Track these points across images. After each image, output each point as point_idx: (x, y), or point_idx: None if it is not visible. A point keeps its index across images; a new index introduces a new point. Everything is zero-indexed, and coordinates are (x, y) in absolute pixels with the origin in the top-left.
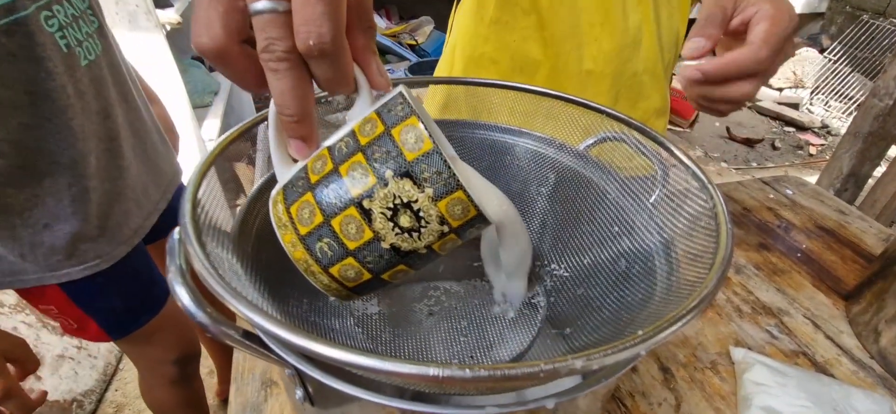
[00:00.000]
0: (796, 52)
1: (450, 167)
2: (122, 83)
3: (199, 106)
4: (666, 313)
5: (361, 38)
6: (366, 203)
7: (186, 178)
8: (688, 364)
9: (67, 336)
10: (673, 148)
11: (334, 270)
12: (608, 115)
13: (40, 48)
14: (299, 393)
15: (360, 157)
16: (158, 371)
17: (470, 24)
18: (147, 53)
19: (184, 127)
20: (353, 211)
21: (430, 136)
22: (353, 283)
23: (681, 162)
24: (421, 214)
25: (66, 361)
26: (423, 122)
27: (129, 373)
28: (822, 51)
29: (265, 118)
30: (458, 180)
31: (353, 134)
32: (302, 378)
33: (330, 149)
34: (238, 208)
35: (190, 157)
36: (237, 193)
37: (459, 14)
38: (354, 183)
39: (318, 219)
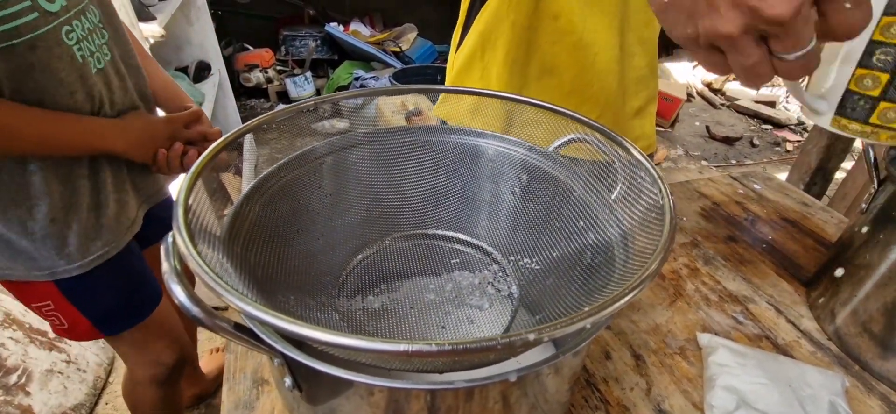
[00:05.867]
0: None
1: None
2: (124, 81)
3: None
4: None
5: None
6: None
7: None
8: (658, 350)
9: (56, 351)
10: (629, 147)
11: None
12: (574, 119)
13: (57, 60)
14: (288, 381)
15: None
16: (149, 371)
17: (499, 32)
18: None
19: None
20: None
21: None
22: None
23: (636, 160)
24: None
25: (55, 375)
26: None
27: (119, 386)
28: None
29: (251, 129)
30: None
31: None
32: (290, 366)
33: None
34: (227, 213)
35: None
36: (224, 201)
37: (486, 17)
38: None
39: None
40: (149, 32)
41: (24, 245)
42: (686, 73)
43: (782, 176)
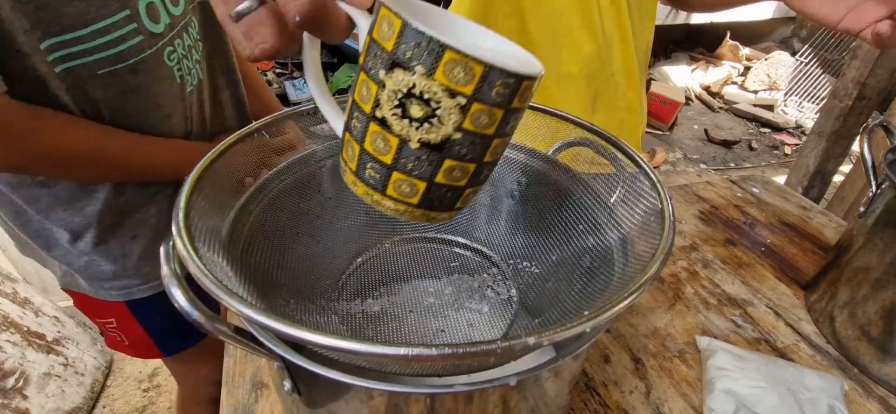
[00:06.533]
0: (769, 55)
1: (424, 32)
2: (218, 98)
3: None
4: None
5: None
6: (378, 113)
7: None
8: (657, 354)
9: (53, 354)
10: (629, 150)
11: (391, 191)
12: (573, 122)
13: (157, 83)
14: (288, 385)
15: (361, 75)
16: (200, 391)
17: None
18: None
19: None
20: (373, 127)
21: (398, 14)
22: (416, 198)
23: (635, 163)
24: (425, 96)
25: (53, 378)
26: (390, 7)
27: (117, 389)
28: (793, 54)
29: (252, 133)
30: (440, 40)
31: (358, 62)
32: (289, 369)
33: (350, 86)
34: (227, 216)
35: None
36: (225, 204)
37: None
38: (364, 100)
39: (356, 149)
40: None
41: (102, 264)
42: (684, 77)
43: (781, 179)
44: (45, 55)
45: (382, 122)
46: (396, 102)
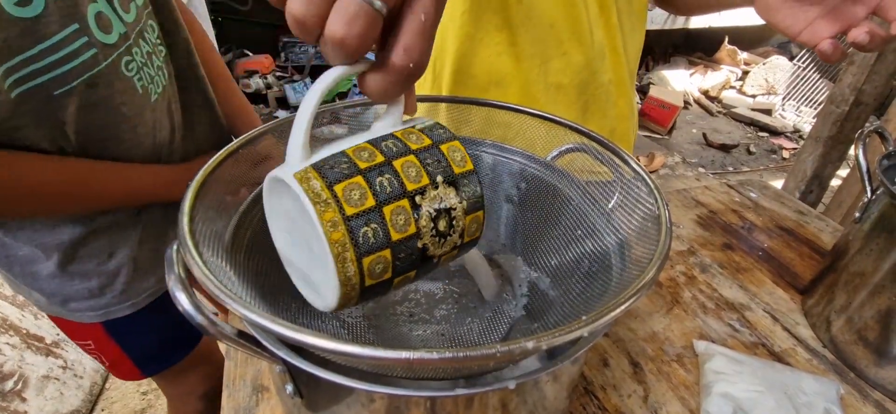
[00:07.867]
0: (767, 60)
1: (482, 190)
2: (188, 97)
3: None
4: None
5: None
6: (418, 199)
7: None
8: (656, 358)
9: (52, 357)
10: (626, 156)
11: (366, 262)
12: (571, 128)
13: (119, 95)
14: (289, 388)
15: (412, 158)
16: (188, 406)
17: (446, 41)
18: None
19: None
20: (405, 203)
21: (472, 158)
22: (372, 280)
23: (633, 169)
24: (454, 221)
25: (52, 381)
26: (466, 149)
27: (115, 392)
28: (791, 58)
29: (252, 139)
30: (484, 202)
31: (397, 139)
32: (291, 373)
33: (374, 142)
34: (230, 221)
35: None
36: (228, 209)
37: (439, 29)
38: (410, 178)
39: (370, 202)
40: None
41: (76, 284)
42: (683, 81)
43: (778, 183)
44: (2, 82)
45: (416, 208)
46: (437, 206)
